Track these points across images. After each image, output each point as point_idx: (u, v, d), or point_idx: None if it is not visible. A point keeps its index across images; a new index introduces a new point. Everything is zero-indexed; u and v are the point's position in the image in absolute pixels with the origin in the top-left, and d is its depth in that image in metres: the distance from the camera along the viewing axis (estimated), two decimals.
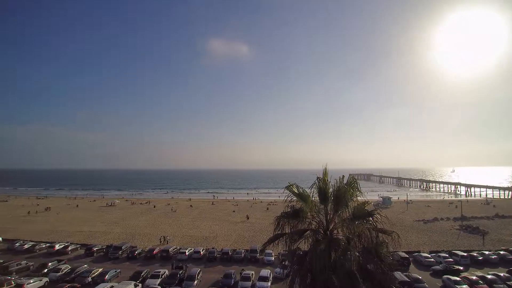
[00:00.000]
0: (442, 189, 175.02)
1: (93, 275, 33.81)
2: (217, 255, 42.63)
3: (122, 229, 62.85)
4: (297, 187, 12.97)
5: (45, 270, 35.69)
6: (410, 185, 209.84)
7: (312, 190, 12.59)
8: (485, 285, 31.06)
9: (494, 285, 31.24)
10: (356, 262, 10.46)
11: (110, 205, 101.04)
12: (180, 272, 35.08)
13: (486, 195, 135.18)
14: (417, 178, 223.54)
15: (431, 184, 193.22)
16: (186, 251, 42.84)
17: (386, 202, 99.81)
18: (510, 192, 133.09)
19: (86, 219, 73.95)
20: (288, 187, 12.95)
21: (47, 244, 47.08)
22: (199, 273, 34.27)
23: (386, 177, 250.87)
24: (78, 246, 47.73)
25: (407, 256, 40.80)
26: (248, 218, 74.43)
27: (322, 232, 12.03)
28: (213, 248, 45.38)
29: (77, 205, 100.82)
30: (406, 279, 32.37)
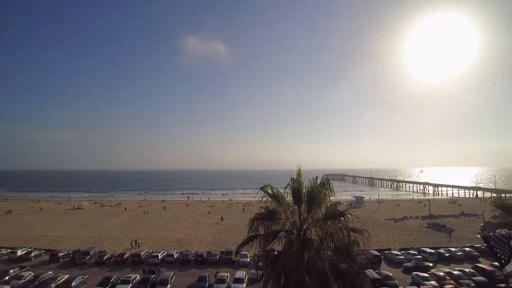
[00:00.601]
0: (411, 189, 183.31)
1: (58, 282, 32.20)
2: (191, 258, 42.02)
3: (90, 233, 60.39)
4: (272, 188, 13.08)
5: (6, 278, 33.63)
6: (381, 185, 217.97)
7: (287, 191, 12.75)
8: (451, 281, 32.65)
9: (460, 280, 32.90)
10: (328, 261, 10.72)
11: (77, 208, 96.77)
12: (152, 276, 34.23)
13: (452, 194, 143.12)
14: (388, 178, 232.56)
15: (401, 183, 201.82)
16: (159, 255, 41.88)
17: (359, 201, 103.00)
18: (475, 192, 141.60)
19: (51, 223, 70.32)
20: (262, 188, 13.04)
21: (8, 250, 44.41)
22: (172, 277, 33.62)
23: (359, 177, 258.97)
24: (42, 251, 45.23)
25: (379, 254, 42.30)
26: (222, 220, 74.14)
27: (296, 232, 12.22)
28: (187, 251, 44.68)
29: (41, 208, 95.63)
30: (378, 276, 33.48)
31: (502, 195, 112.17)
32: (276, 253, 11.90)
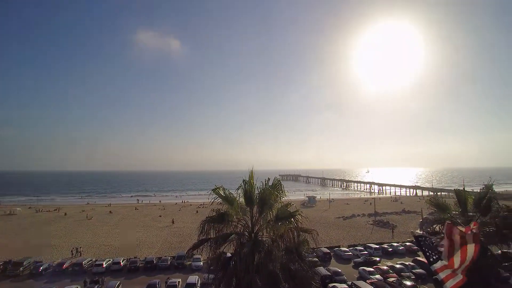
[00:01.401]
0: (359, 188, 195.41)
1: None
2: (140, 265, 40.17)
3: (23, 241, 54.73)
4: (224, 189, 13.00)
5: None
6: (332, 185, 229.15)
7: (238, 192, 12.76)
8: (394, 274, 35.44)
9: (402, 273, 35.91)
10: (279, 262, 10.95)
11: (9, 214, 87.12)
12: (96, 287, 32.09)
13: (395, 193, 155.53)
14: (338, 178, 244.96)
15: (350, 183, 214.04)
16: (104, 263, 39.31)
17: (311, 201, 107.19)
18: (414, 190, 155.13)
19: None
20: (214, 190, 12.90)
21: None
22: (118, 286, 31.81)
23: (312, 177, 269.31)
24: None
25: (329, 251, 44.40)
26: (173, 223, 72.14)
27: (247, 234, 12.28)
28: (135, 258, 42.60)
29: None
30: (328, 273, 35.12)
31: (437, 193, 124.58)
32: (226, 256, 11.84)
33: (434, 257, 7.50)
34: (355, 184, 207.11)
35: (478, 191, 18.49)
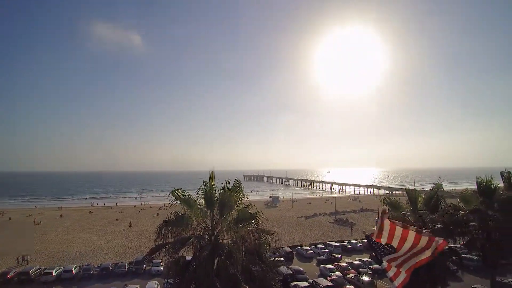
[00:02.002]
0: (321, 188, 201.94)
1: None
2: (94, 272, 37.98)
3: None
4: (183, 192, 12.65)
5: None
6: (296, 185, 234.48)
7: (198, 194, 12.49)
8: (353, 270, 37.01)
9: (360, 269, 37.63)
10: (240, 264, 10.88)
11: None
12: None
13: (354, 192, 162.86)
14: (301, 178, 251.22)
15: (312, 183, 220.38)
16: (53, 271, 36.59)
17: (275, 201, 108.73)
18: (372, 189, 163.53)
19: None
20: (173, 193, 12.49)
21: None
22: None
23: (276, 177, 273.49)
24: None
25: (291, 250, 45.24)
26: (130, 226, 69.33)
27: (207, 237, 12.06)
28: (89, 264, 40.22)
29: None
30: (290, 272, 35.77)
31: (392, 192, 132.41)
32: (185, 261, 11.51)
33: (383, 255, 7.82)
34: (317, 184, 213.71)
35: (428, 190, 19.94)
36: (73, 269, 37.86)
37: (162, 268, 38.26)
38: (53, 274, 36.19)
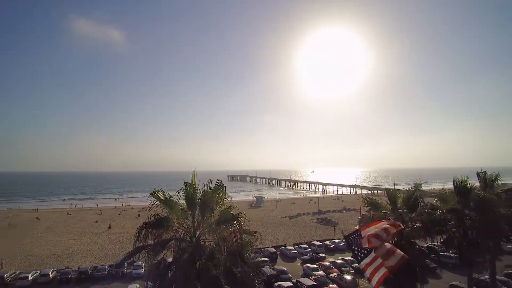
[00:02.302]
0: (304, 188, 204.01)
1: None
2: (73, 276, 36.89)
3: None
4: (164, 193, 12.42)
5: None
6: (280, 185, 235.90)
7: (179, 195, 12.30)
8: (335, 269, 37.52)
9: (342, 268, 38.18)
10: (223, 266, 10.80)
11: None
12: None
13: (338, 192, 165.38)
14: (286, 179, 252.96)
15: (296, 183, 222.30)
16: (29, 276, 35.31)
17: (259, 201, 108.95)
18: (354, 189, 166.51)
19: None
20: (153, 194, 12.24)
21: None
22: None
23: (260, 177, 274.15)
24: None
25: (275, 250, 45.46)
26: (110, 228, 67.82)
27: (188, 239, 11.90)
28: (67, 268, 39.03)
29: None
30: (274, 272, 35.90)
31: (374, 192, 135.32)
32: (166, 263, 11.30)
33: (361, 255, 7.92)
34: (301, 184, 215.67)
35: (407, 190, 20.51)
36: (50, 273, 36.70)
37: (143, 271, 37.63)
38: (29, 279, 34.97)
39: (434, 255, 30.95)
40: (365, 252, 7.91)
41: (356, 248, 8.15)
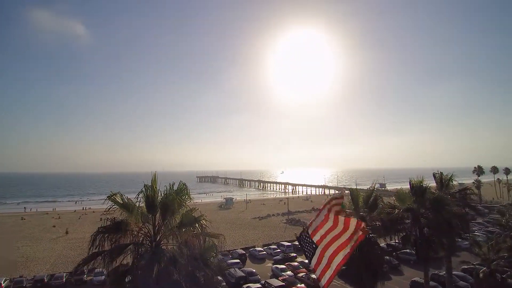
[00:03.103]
0: (275, 188, 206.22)
1: None
2: (27, 285, 34.92)
3: None
4: (122, 196, 12.03)
5: None
6: (250, 186, 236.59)
7: (139, 199, 11.98)
8: (303, 269, 38.29)
9: (309, 267, 39.10)
10: (185, 270, 10.65)
11: None
12: None
13: (307, 192, 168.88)
14: (256, 179, 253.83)
15: (267, 184, 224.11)
16: None
17: (228, 203, 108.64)
18: (323, 189, 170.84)
19: None
20: (110, 197, 11.81)
21: None
22: None
23: (230, 178, 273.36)
24: None
25: (244, 252, 45.63)
26: (67, 233, 64.59)
27: (148, 244, 11.62)
28: (21, 277, 36.72)
29: None
30: (242, 274, 36.04)
31: (344, 191, 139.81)
32: (124, 269, 10.93)
33: (311, 255, 8.00)
34: (271, 185, 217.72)
35: (366, 189, 21.50)
36: (2, 282, 34.42)
37: (104, 277, 36.15)
38: None
39: (394, 253, 32.62)
40: (312, 250, 8.01)
41: (307, 248, 8.22)
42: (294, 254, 45.46)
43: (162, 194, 12.07)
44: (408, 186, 22.78)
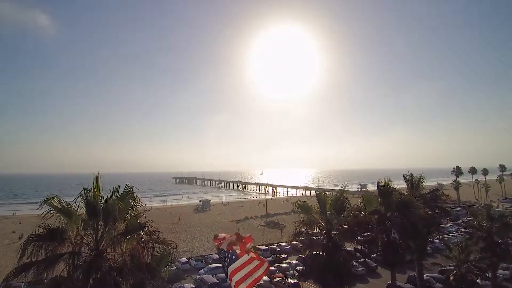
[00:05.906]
0: (254, 190, 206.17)
1: None
2: None
3: None
4: (60, 200, 11.37)
5: None
6: (229, 187, 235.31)
7: (78, 203, 11.35)
8: (280, 273, 38.22)
9: (287, 272, 39.03)
10: (134, 280, 10.17)
11: None
12: None
13: (287, 193, 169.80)
14: (235, 181, 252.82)
15: (246, 185, 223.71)
16: None
17: (205, 205, 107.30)
18: (304, 191, 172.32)
19: None
20: (47, 201, 11.14)
21: None
22: None
23: (208, 180, 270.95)
24: None
25: (219, 257, 45.09)
26: (20, 238, 61.72)
27: (88, 253, 11.02)
28: None
29: None
30: (215, 280, 35.66)
31: (324, 193, 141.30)
32: (57, 282, 10.30)
33: (228, 263, 7.93)
34: (251, 186, 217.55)
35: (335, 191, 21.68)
36: None
37: None
38: None
39: (361, 259, 32.93)
40: (232, 260, 7.96)
41: (223, 256, 8.22)
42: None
43: (104, 199, 11.49)
44: (373, 188, 23.18)
